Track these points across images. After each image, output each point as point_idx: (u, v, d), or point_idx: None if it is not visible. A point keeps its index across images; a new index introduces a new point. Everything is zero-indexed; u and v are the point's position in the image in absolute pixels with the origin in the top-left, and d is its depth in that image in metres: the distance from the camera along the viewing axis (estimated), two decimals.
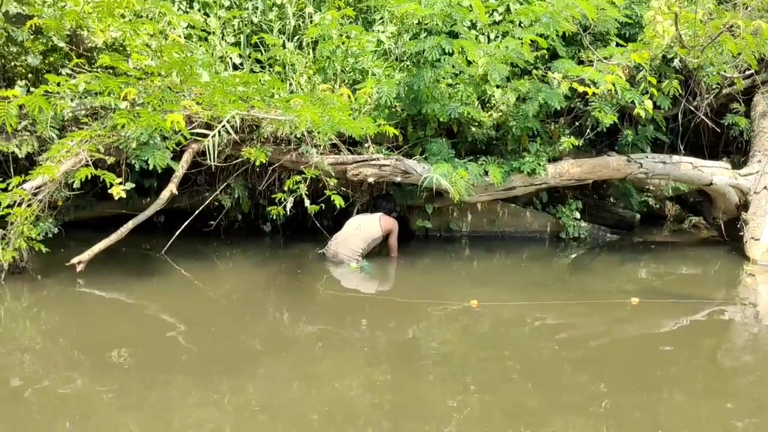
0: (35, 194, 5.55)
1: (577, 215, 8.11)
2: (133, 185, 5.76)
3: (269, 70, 7.34)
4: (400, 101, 7.16)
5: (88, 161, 5.58)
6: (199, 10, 7.54)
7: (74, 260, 5.55)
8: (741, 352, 4.92)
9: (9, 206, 5.31)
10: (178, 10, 7.28)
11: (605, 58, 7.07)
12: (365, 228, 6.64)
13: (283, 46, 7.45)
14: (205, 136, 5.94)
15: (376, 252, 6.82)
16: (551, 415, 3.64)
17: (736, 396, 4.03)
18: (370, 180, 6.91)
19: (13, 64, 6.42)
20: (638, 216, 8.81)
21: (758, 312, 5.89)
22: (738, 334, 5.42)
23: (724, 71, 7.52)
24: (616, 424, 3.55)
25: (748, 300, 6.29)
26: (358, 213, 7.13)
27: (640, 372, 4.31)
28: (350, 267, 6.37)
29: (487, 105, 7.64)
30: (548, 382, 4.08)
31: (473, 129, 7.48)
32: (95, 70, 6.15)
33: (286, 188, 6.27)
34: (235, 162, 6.59)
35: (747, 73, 7.91)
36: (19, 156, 6.00)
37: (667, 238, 8.79)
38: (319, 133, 6.17)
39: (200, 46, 7.11)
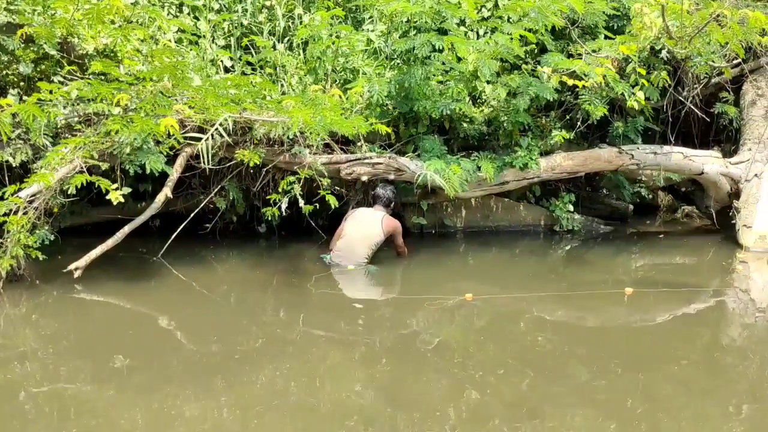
0: (31, 202, 5.56)
1: (571, 208, 8.16)
2: (130, 190, 5.78)
3: (260, 72, 7.37)
4: (391, 99, 7.19)
5: (82, 168, 5.60)
6: (188, 14, 7.56)
7: (71, 266, 5.57)
8: (736, 339, 4.97)
9: (5, 215, 5.33)
10: (167, 14, 7.29)
11: (594, 51, 7.11)
12: (365, 230, 6.43)
13: (274, 47, 7.48)
14: (199, 139, 5.97)
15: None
16: (550, 405, 3.68)
17: (733, 383, 4.08)
18: (364, 178, 6.94)
19: (4, 72, 6.42)
20: (631, 207, 8.87)
21: (752, 298, 5.95)
22: (732, 321, 5.48)
23: (712, 61, 7.56)
24: (615, 413, 3.59)
25: (741, 287, 6.34)
26: (354, 208, 7.02)
27: (636, 361, 4.36)
28: (347, 268, 6.33)
29: (478, 101, 7.68)
30: (546, 373, 4.13)
31: (465, 125, 7.52)
32: (87, 76, 6.17)
33: (280, 189, 6.28)
34: (229, 164, 6.61)
35: (735, 62, 7.95)
36: (13, 164, 6.01)
37: (661, 227, 8.84)
38: (311, 133, 6.20)
39: (191, 50, 7.13)
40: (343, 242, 6.43)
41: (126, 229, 5.92)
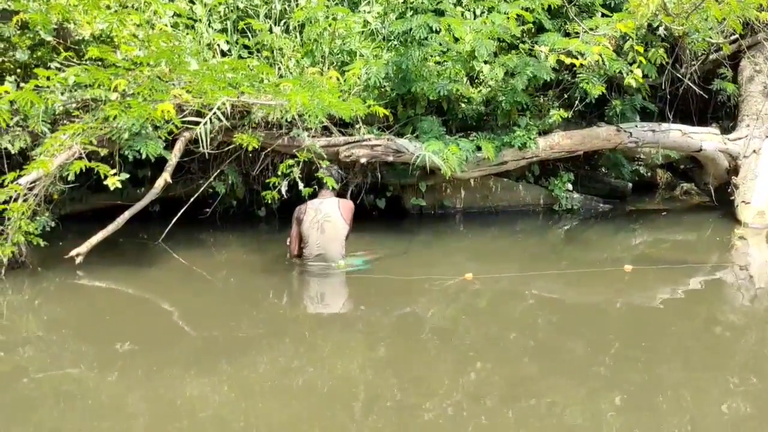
0: (31, 189, 5.56)
1: (570, 187, 8.18)
2: (128, 176, 5.79)
3: (257, 56, 7.34)
4: (389, 81, 7.18)
5: (81, 154, 5.59)
6: None
7: (73, 252, 5.57)
8: (735, 314, 5.00)
9: (5, 202, 5.33)
10: None
11: (591, 29, 7.09)
12: (332, 231, 5.81)
13: (270, 30, 7.45)
14: (197, 124, 5.96)
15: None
16: (551, 382, 3.71)
17: (731, 357, 4.11)
18: (363, 161, 6.94)
19: (1, 60, 6.41)
20: (630, 185, 8.89)
21: (750, 274, 5.98)
22: (731, 296, 5.51)
23: (710, 37, 7.54)
24: (615, 388, 3.62)
25: (740, 263, 6.37)
26: (309, 199, 6.00)
27: (636, 337, 4.39)
28: (338, 266, 5.83)
29: (476, 81, 7.67)
30: (547, 350, 4.16)
31: (463, 105, 7.52)
32: (84, 62, 6.15)
33: (279, 172, 6.27)
34: (227, 148, 6.61)
35: (732, 38, 7.94)
36: (12, 152, 6.01)
37: (660, 205, 8.86)
38: (309, 116, 6.19)
39: (187, 34, 7.10)
40: (313, 249, 5.81)
41: (126, 215, 5.92)
